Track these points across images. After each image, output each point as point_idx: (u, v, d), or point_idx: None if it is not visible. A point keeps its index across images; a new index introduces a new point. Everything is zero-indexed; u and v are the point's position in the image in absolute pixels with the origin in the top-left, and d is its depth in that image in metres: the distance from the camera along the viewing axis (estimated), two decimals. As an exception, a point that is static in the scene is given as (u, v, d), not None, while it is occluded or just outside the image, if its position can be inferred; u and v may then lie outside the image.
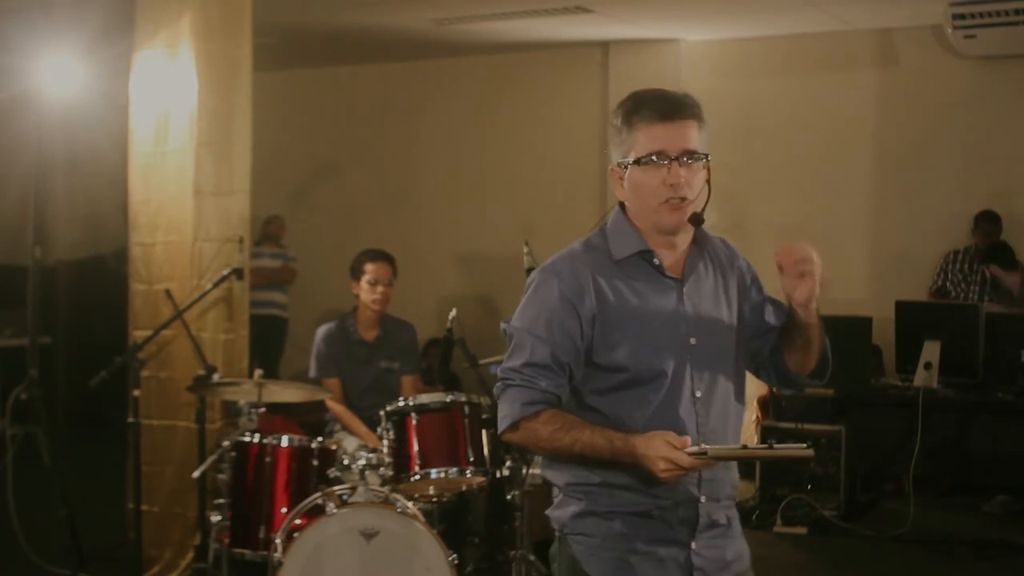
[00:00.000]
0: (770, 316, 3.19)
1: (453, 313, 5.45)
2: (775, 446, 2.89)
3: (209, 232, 6.59)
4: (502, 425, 2.97)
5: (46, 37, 7.06)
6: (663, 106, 2.94)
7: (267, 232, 11.26)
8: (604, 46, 11.08)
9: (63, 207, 11.40)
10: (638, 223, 3.00)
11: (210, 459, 5.72)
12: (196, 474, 5.81)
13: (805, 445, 2.79)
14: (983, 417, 8.06)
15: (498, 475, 5.51)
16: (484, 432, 5.40)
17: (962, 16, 9.00)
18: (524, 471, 5.55)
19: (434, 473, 5.25)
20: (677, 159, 2.92)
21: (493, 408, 5.43)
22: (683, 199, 2.94)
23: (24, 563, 6.57)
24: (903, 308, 8.61)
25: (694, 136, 2.97)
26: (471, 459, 5.30)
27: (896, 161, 10.11)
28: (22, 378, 6.91)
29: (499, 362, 3.07)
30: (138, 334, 6.61)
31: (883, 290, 9.56)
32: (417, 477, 5.26)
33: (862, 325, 8.66)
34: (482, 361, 5.77)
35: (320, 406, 6.49)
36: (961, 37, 9.25)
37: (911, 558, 7.40)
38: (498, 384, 3.01)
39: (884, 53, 10.16)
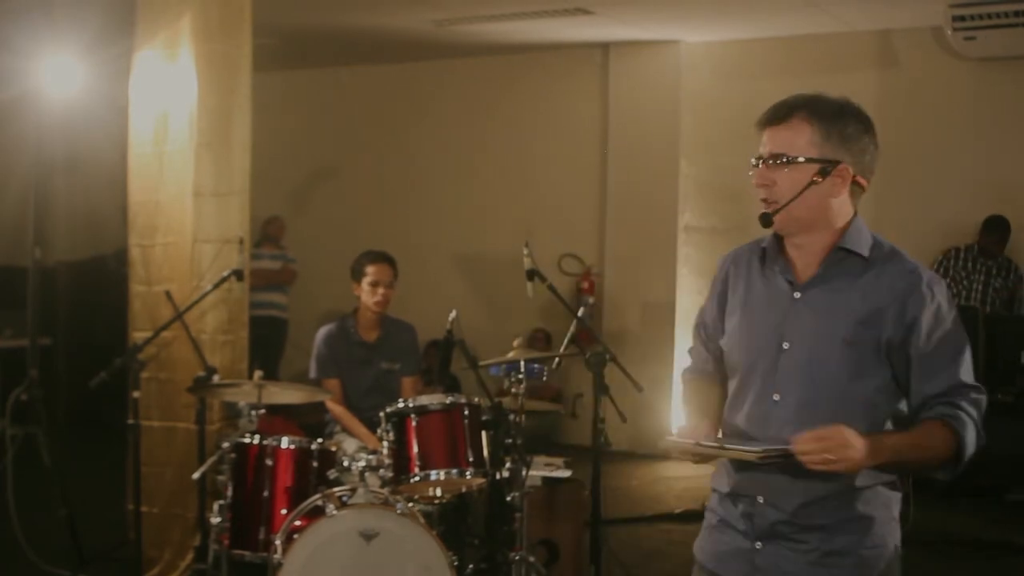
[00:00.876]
0: (928, 384, 2.95)
1: (453, 314, 5.44)
2: (726, 445, 2.92)
3: (208, 233, 6.58)
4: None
5: (46, 38, 7.06)
6: (766, 112, 3.04)
7: (267, 233, 11.26)
8: (604, 47, 11.09)
9: (63, 208, 11.40)
10: None
11: (210, 460, 5.71)
12: (196, 475, 5.80)
13: (758, 455, 2.82)
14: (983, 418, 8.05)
15: (498, 476, 5.50)
16: (484, 434, 5.39)
17: (962, 18, 9.00)
18: (524, 473, 5.55)
19: (434, 475, 5.24)
20: (764, 161, 3.00)
21: (492, 410, 5.45)
22: (765, 200, 3.01)
23: (24, 563, 6.58)
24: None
25: (786, 138, 2.97)
26: (471, 460, 5.29)
27: (895, 162, 10.06)
28: (22, 379, 6.91)
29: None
30: (138, 335, 6.60)
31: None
32: (417, 479, 5.25)
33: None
34: (482, 363, 5.76)
35: (320, 407, 6.49)
36: (961, 39, 9.26)
37: (911, 559, 7.37)
38: None
39: (884, 54, 10.16)
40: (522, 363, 5.80)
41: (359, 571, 4.79)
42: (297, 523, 5.03)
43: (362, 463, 5.11)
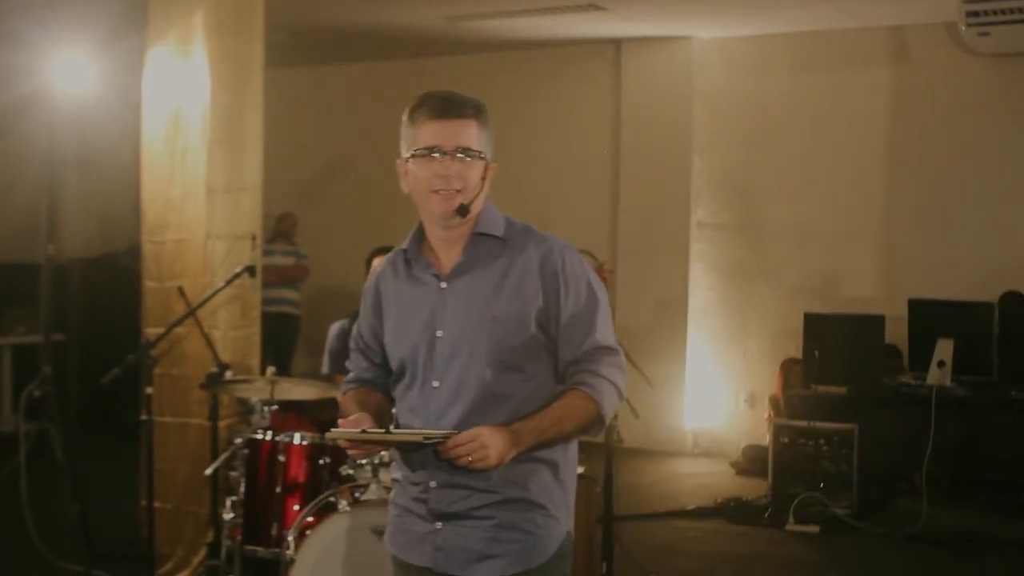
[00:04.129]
0: (567, 350, 3.10)
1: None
2: (391, 430, 2.98)
3: (221, 229, 6.58)
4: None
5: (59, 34, 7.07)
6: (441, 105, 3.10)
7: (279, 229, 11.26)
8: (617, 43, 11.07)
9: (76, 204, 11.41)
10: (421, 216, 3.19)
11: (223, 456, 5.73)
12: (208, 471, 5.81)
13: (422, 437, 2.92)
14: (997, 415, 8.03)
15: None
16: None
17: (975, 13, 8.97)
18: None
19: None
20: (451, 154, 3.07)
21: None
22: (456, 191, 3.09)
23: (37, 559, 6.60)
24: (916, 306, 8.59)
25: (467, 133, 3.11)
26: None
27: (909, 158, 10.08)
28: (35, 375, 6.93)
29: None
30: (150, 331, 6.61)
31: (896, 288, 9.54)
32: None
33: (875, 323, 8.64)
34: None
35: (332, 403, 6.48)
36: (974, 34, 9.22)
37: (923, 557, 7.39)
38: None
39: (897, 50, 10.13)
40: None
41: (371, 567, 4.78)
42: (309, 519, 5.04)
43: (374, 459, 5.11)
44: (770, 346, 10.45)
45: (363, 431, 2.95)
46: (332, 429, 3.01)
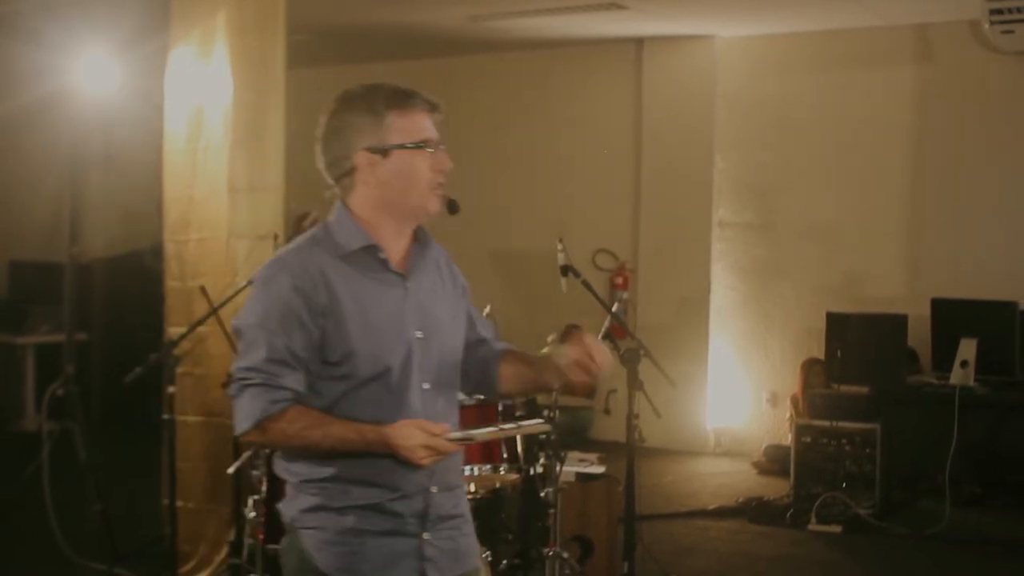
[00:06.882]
0: (482, 328, 3.29)
1: (487, 310, 5.43)
2: (521, 424, 3.00)
3: (243, 229, 6.59)
4: (242, 426, 2.89)
5: (82, 34, 7.10)
6: (412, 93, 3.04)
7: (300, 229, 11.25)
8: (638, 42, 11.06)
9: (99, 204, 11.44)
10: (378, 213, 3.02)
11: (245, 455, 5.73)
12: (231, 470, 5.82)
13: (542, 420, 2.94)
14: (1020, 415, 8.00)
15: (532, 472, 5.50)
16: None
17: (999, 11, 8.92)
18: (558, 468, 5.55)
19: (467, 469, 5.24)
20: (441, 147, 3.06)
21: (526, 406, 5.45)
22: (440, 186, 3.05)
23: (60, 558, 6.62)
24: (939, 306, 8.57)
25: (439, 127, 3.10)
26: (505, 456, 5.29)
27: (932, 157, 10.04)
28: (58, 374, 6.96)
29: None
30: (173, 331, 6.62)
31: (919, 288, 9.51)
32: (450, 474, 5.25)
33: (898, 323, 8.62)
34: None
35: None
36: (998, 32, 9.17)
37: (946, 557, 7.36)
38: (233, 385, 2.92)
39: (920, 49, 10.09)
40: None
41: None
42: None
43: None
44: (792, 345, 10.43)
45: (500, 428, 3.05)
46: (472, 433, 3.01)
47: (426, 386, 3.00)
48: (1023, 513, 8.21)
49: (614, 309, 6.29)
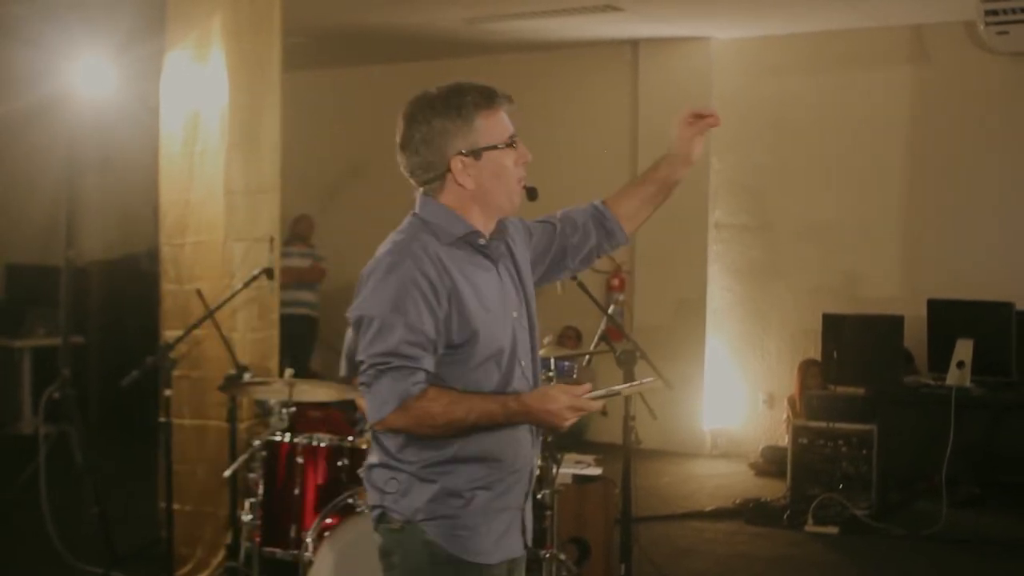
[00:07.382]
0: (574, 214, 3.65)
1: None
2: (643, 381, 3.16)
3: (239, 232, 6.59)
4: (384, 409, 2.92)
5: (78, 38, 7.10)
6: (493, 92, 3.17)
7: (296, 231, 11.29)
8: (634, 44, 11.07)
9: (96, 207, 11.45)
10: (468, 205, 3.09)
11: (241, 458, 5.73)
12: (227, 473, 5.82)
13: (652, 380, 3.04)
14: (1016, 415, 8.01)
15: (528, 474, 5.50)
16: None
17: (994, 12, 8.93)
18: (554, 470, 5.55)
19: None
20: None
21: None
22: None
23: (57, 561, 6.61)
24: (935, 306, 8.57)
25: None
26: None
27: (928, 158, 10.05)
28: (55, 377, 6.96)
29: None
30: (169, 334, 6.62)
31: (916, 288, 9.52)
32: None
33: (894, 323, 8.63)
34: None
35: (351, 405, 6.49)
36: (993, 33, 9.19)
37: (943, 558, 7.37)
38: (367, 372, 2.96)
39: (916, 50, 10.10)
40: (552, 361, 5.79)
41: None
42: (328, 520, 5.04)
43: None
44: (789, 347, 10.44)
45: (630, 385, 3.15)
46: (617, 388, 3.08)
47: (524, 363, 3.10)
48: (1020, 513, 8.22)
49: (610, 311, 6.29)
